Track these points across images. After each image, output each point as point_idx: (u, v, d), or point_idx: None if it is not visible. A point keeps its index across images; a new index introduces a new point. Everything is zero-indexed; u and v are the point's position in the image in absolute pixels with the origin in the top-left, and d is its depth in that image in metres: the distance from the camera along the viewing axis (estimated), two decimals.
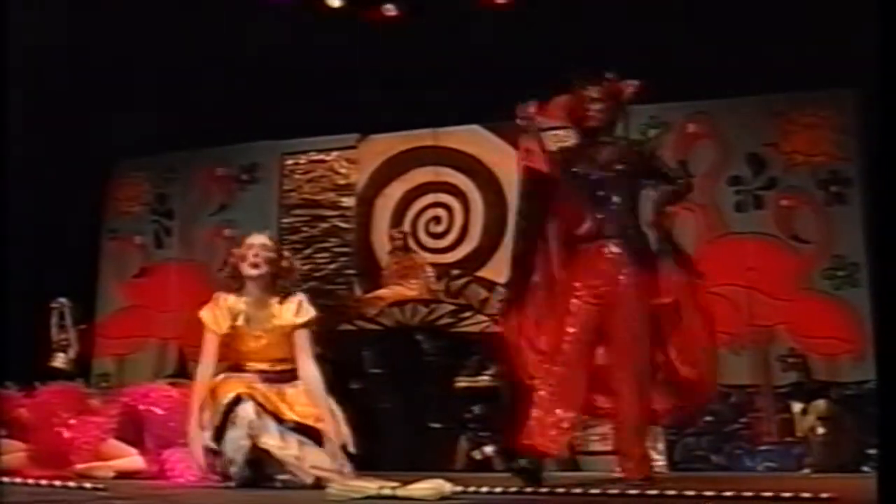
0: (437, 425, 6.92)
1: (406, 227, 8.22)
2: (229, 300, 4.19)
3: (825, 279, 7.21)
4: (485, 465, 6.44)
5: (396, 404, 7.07)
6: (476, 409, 6.66)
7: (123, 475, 4.49)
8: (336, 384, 4.41)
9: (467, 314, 7.29)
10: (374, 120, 8.30)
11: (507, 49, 7.48)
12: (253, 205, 8.68)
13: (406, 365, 7.12)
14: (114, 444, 4.66)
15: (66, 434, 4.60)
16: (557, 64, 7.36)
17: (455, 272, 7.95)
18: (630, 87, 4.51)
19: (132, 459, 4.59)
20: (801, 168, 7.48)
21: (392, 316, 7.31)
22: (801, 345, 7.03)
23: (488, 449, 6.53)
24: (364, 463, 4.03)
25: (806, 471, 6.23)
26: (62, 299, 6.16)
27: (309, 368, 4.13)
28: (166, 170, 9.06)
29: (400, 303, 7.37)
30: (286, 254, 4.35)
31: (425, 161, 8.37)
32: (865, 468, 6.03)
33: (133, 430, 4.81)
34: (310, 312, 4.18)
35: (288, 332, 4.15)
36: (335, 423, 4.00)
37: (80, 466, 4.46)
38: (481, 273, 7.96)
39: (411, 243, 8.11)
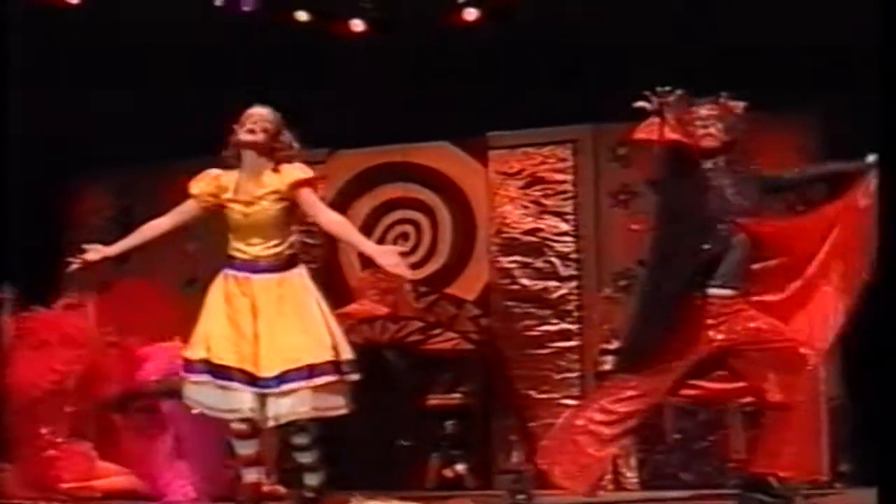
0: (406, 443, 6.96)
1: (374, 242, 8.25)
2: (216, 172, 4.25)
3: None
4: (456, 483, 6.50)
5: (365, 422, 7.06)
6: (448, 426, 6.71)
7: (113, 495, 4.49)
8: None
9: (437, 331, 7.35)
10: (343, 135, 8.34)
11: (476, 66, 7.57)
12: (220, 219, 8.63)
13: (375, 382, 7.12)
14: (101, 465, 4.65)
15: (52, 453, 4.59)
16: (526, 81, 7.62)
17: (423, 289, 8.00)
18: (739, 105, 4.51)
19: (117, 480, 4.58)
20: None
21: (361, 333, 7.32)
22: None
23: (460, 467, 6.58)
24: (333, 481, 4.07)
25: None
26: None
27: (331, 215, 4.39)
28: (131, 182, 9.01)
29: (369, 320, 7.40)
30: (286, 131, 4.36)
31: (393, 177, 8.42)
32: (837, 484, 6.14)
33: None
34: (311, 173, 4.25)
35: (285, 200, 4.14)
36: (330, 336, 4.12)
37: (65, 486, 4.45)
38: (450, 290, 8.00)
39: None
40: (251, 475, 4.15)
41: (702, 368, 4.25)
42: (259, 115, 4.25)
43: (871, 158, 4.38)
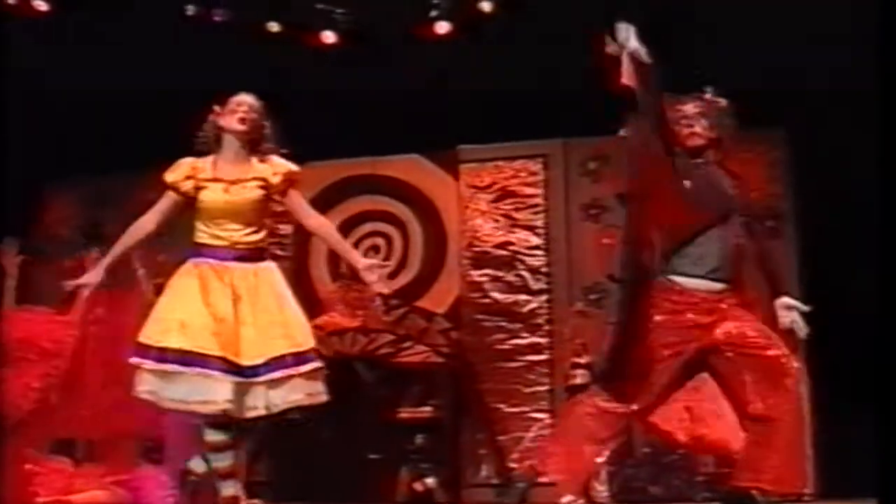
0: (376, 456, 6.98)
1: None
2: (189, 160, 4.21)
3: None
4: (426, 497, 6.53)
5: (335, 435, 7.10)
6: (418, 439, 6.74)
7: None
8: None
9: (407, 344, 7.38)
10: (313, 147, 8.34)
11: (447, 79, 7.62)
12: (188, 231, 8.62)
13: (344, 395, 7.14)
14: (80, 480, 4.63)
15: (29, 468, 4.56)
16: (497, 95, 7.68)
17: (394, 302, 8.02)
18: (723, 101, 4.42)
19: (96, 494, 4.57)
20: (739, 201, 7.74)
21: (331, 345, 7.34)
22: None
23: (430, 480, 6.60)
24: (302, 494, 4.08)
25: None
26: None
27: (319, 218, 4.31)
28: (99, 193, 8.99)
29: (339, 332, 7.42)
30: (267, 122, 4.31)
31: (364, 190, 8.44)
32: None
33: None
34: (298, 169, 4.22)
35: (266, 190, 4.12)
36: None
37: (42, 501, 4.43)
38: (420, 303, 8.03)
39: None
40: (228, 489, 4.09)
41: (689, 369, 4.23)
42: (249, 104, 4.19)
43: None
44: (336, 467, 6.83)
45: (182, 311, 3.97)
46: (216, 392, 3.86)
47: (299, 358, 4.00)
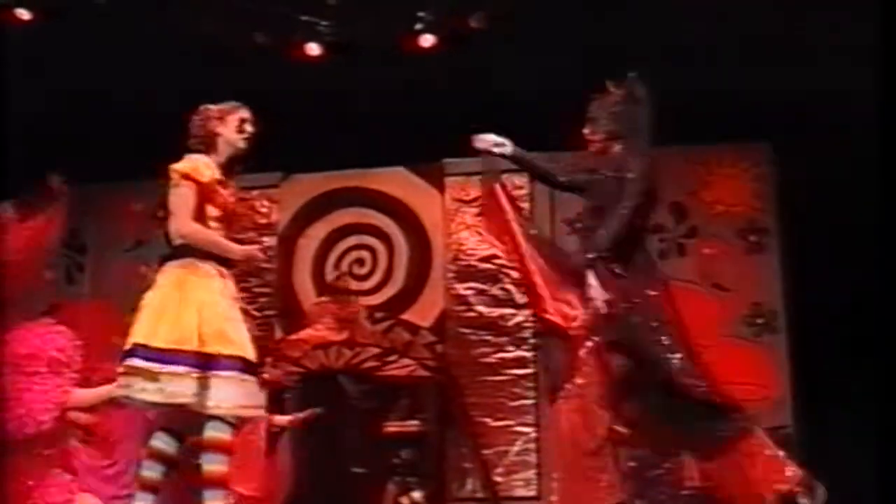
0: (362, 470, 7.05)
1: (329, 268, 8.34)
2: (203, 158, 4.25)
3: (745, 326, 7.58)
4: None
5: (319, 449, 7.16)
6: (404, 453, 6.80)
7: None
8: None
9: (392, 358, 7.45)
10: (297, 159, 8.42)
11: (432, 92, 7.70)
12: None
13: (329, 409, 7.23)
14: (80, 496, 4.67)
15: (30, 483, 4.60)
16: (483, 108, 7.77)
17: (379, 315, 8.09)
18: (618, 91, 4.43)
19: None
20: (722, 217, 7.88)
21: (316, 358, 7.41)
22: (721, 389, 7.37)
23: (416, 494, 6.68)
24: None
25: None
26: None
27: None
28: (79, 202, 8.99)
29: (324, 345, 7.48)
30: None
31: (349, 202, 8.51)
32: None
33: None
34: None
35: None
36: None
37: None
38: (405, 316, 8.09)
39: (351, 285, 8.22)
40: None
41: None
42: (251, 121, 4.34)
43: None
44: (318, 481, 6.90)
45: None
46: (183, 386, 3.98)
47: (253, 366, 4.15)
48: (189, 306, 4.05)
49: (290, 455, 6.92)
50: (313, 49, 7.97)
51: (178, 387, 3.95)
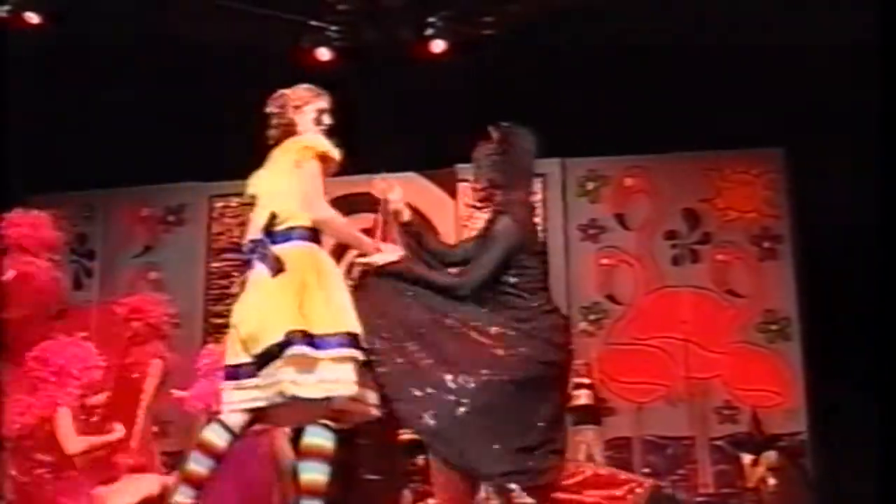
0: (376, 477, 7.21)
1: (341, 272, 8.48)
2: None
3: (759, 332, 7.79)
4: None
5: (335, 455, 7.29)
6: (420, 460, 6.92)
7: None
8: None
9: None
10: None
11: (444, 97, 7.87)
12: (179, 247, 8.88)
13: None
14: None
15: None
16: (494, 114, 7.94)
17: None
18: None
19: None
20: (735, 223, 8.09)
21: None
22: (736, 397, 7.59)
23: (432, 502, 6.80)
24: None
25: None
26: None
27: None
28: (87, 207, 9.18)
29: None
30: None
31: (361, 208, 8.64)
32: None
33: None
34: None
35: None
36: None
37: None
38: None
39: None
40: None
41: None
42: (330, 111, 4.15)
43: None
44: (336, 489, 7.04)
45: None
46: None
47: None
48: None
49: None
50: (323, 54, 8.15)
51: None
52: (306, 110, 4.10)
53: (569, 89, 7.54)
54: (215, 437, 3.76)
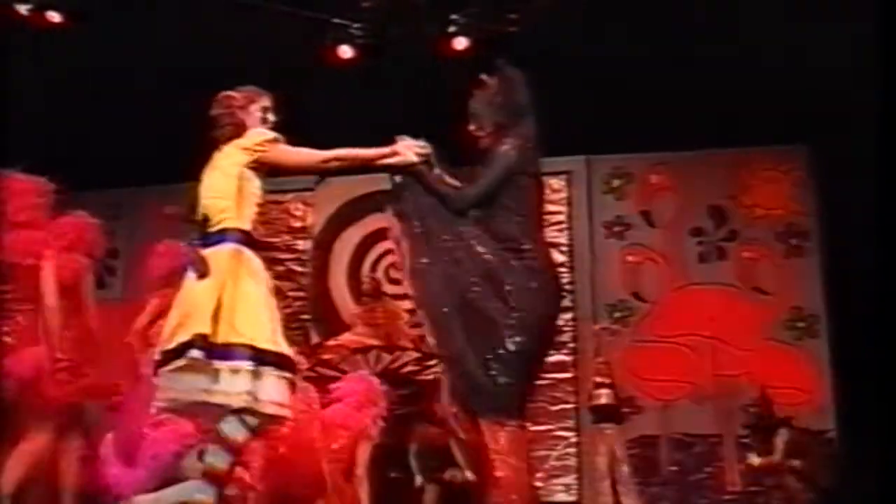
0: (399, 475, 7.30)
1: (365, 272, 8.62)
2: None
3: (786, 330, 7.85)
4: None
5: None
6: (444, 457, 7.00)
7: None
8: None
9: (432, 362, 7.69)
10: None
11: (466, 95, 7.92)
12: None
13: None
14: None
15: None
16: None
17: (416, 320, 8.36)
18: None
19: None
20: (761, 221, 8.16)
21: (355, 363, 7.66)
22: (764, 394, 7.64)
23: None
24: None
25: None
26: None
27: None
28: (110, 206, 9.27)
29: (363, 350, 7.73)
30: None
31: (384, 206, 8.73)
32: None
33: None
34: None
35: None
36: None
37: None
38: None
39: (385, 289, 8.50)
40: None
41: None
42: (273, 108, 4.22)
43: None
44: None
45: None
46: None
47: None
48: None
49: None
50: (346, 52, 8.22)
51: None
52: (251, 109, 4.19)
53: (594, 87, 7.60)
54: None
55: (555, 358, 8.02)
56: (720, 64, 7.33)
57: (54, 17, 7.75)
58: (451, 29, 7.88)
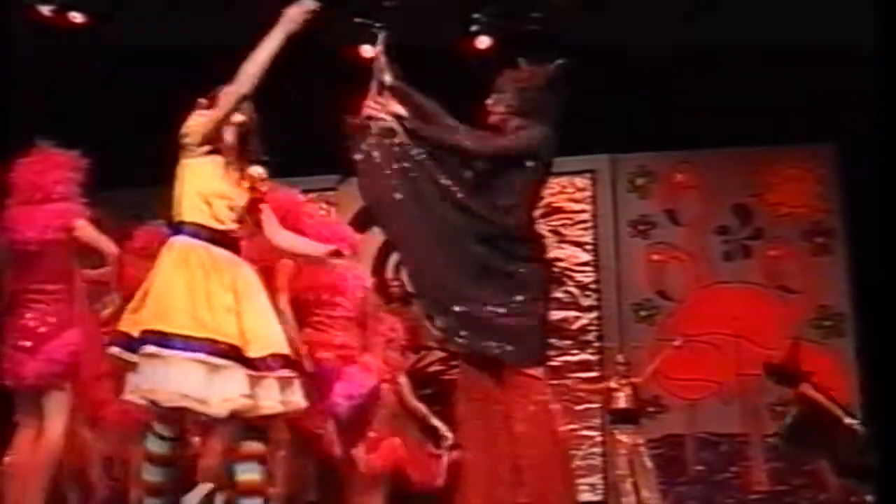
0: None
1: (389, 273, 8.64)
2: None
3: (812, 328, 7.87)
4: None
5: None
6: None
7: None
8: None
9: (456, 362, 7.72)
10: (348, 168, 8.66)
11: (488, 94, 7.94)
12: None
13: None
14: None
15: None
16: None
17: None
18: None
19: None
20: (787, 219, 8.18)
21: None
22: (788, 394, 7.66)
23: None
24: None
25: None
26: None
27: None
28: (131, 206, 9.30)
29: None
30: None
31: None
32: None
33: None
34: None
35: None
36: None
37: None
38: None
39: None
40: None
41: None
42: None
43: None
44: None
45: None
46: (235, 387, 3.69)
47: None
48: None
49: None
50: (368, 51, 8.27)
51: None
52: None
53: (618, 85, 7.64)
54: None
55: (579, 357, 8.12)
56: (746, 63, 7.37)
57: (76, 17, 7.82)
58: (474, 28, 7.96)
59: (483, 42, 7.97)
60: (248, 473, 3.75)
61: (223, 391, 3.64)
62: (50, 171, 4.92)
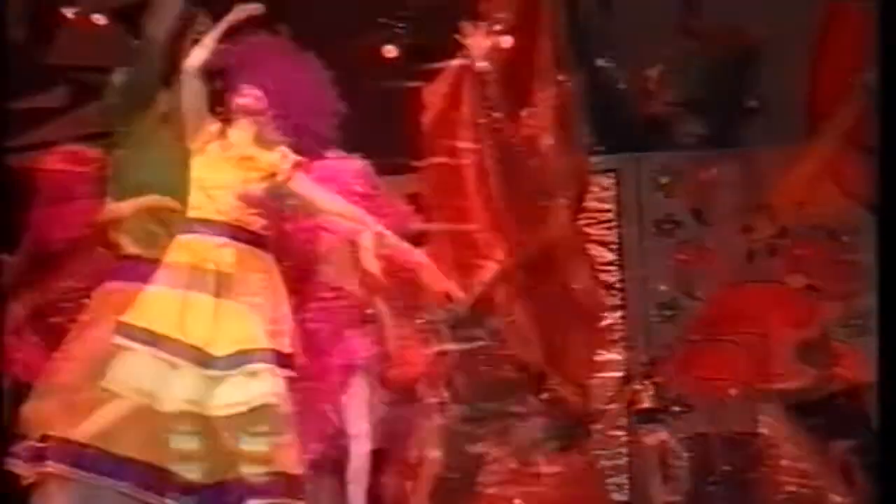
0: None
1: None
2: None
3: (839, 328, 7.80)
4: None
5: None
6: None
7: None
8: None
9: None
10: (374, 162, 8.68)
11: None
12: None
13: None
14: None
15: None
16: None
17: None
18: None
19: None
20: (813, 218, 8.08)
21: None
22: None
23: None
24: None
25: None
26: None
27: None
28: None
29: None
30: None
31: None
32: None
33: None
34: None
35: None
36: None
37: None
38: None
39: None
40: None
41: None
42: None
43: None
44: None
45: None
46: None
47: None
48: None
49: None
50: (390, 51, 8.29)
51: None
52: None
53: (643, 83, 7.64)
54: None
55: (605, 357, 8.09)
56: (772, 59, 7.36)
57: (100, 19, 7.86)
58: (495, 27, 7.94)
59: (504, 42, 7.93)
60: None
61: (176, 391, 3.89)
62: (73, 170, 4.97)
